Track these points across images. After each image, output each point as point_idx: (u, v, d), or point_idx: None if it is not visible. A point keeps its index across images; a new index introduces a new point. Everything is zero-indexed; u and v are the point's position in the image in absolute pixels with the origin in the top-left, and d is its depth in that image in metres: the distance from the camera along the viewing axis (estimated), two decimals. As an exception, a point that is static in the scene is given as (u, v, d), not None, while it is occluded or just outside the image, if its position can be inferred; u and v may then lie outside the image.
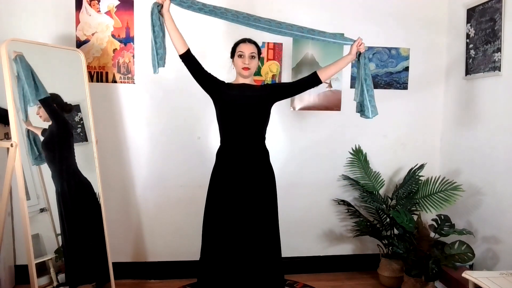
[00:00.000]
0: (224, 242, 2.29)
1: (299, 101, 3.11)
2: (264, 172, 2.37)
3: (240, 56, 2.31)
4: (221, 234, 2.30)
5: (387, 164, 3.24)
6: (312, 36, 2.32)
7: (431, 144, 3.27)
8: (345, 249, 3.28)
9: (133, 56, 2.92)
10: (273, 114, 2.43)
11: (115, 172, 2.97)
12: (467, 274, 2.15)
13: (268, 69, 3.05)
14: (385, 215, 3.03)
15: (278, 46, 3.05)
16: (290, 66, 3.07)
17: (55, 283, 2.45)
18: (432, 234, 2.76)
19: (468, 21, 2.91)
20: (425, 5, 3.17)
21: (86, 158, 2.62)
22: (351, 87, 3.15)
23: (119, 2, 2.88)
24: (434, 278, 2.64)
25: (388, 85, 3.19)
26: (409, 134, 3.25)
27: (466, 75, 2.94)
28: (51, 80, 2.54)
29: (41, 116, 2.43)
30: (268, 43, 3.03)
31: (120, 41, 2.90)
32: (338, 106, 3.15)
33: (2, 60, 2.11)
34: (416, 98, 3.22)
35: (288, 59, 3.07)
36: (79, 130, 2.64)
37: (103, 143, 2.88)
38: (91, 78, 2.88)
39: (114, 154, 2.97)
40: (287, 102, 3.08)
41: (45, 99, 2.37)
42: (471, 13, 2.88)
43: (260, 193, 2.33)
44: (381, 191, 3.16)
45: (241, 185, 2.29)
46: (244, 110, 2.29)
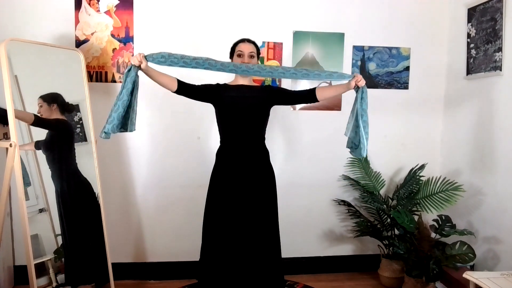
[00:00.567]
0: (224, 243, 2.29)
1: (299, 101, 3.10)
2: (264, 172, 2.36)
3: (239, 56, 2.31)
4: (221, 235, 2.29)
5: (388, 164, 3.24)
6: (308, 77, 2.19)
7: (432, 144, 3.27)
8: (346, 250, 3.27)
9: (133, 56, 2.91)
10: (273, 114, 2.42)
11: (115, 172, 2.96)
12: (468, 275, 2.14)
13: (268, 69, 3.04)
14: (386, 216, 3.02)
15: (278, 46, 3.04)
16: (290, 66, 3.06)
17: (55, 284, 2.45)
18: (433, 235, 2.75)
19: (469, 21, 2.90)
20: (426, 5, 3.16)
21: (86, 158, 2.61)
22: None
23: (119, 2, 2.87)
24: (435, 279, 2.63)
25: (389, 85, 3.18)
26: (410, 134, 3.24)
27: (467, 75, 2.94)
28: (51, 80, 2.54)
29: (42, 115, 2.42)
30: (268, 43, 3.02)
31: (120, 41, 2.90)
32: (339, 106, 3.15)
33: (1, 60, 2.10)
34: (417, 98, 3.22)
35: (288, 59, 3.06)
36: (79, 130, 2.63)
37: (103, 143, 2.86)
38: (91, 78, 2.87)
39: (114, 154, 2.96)
40: (287, 102, 3.07)
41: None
42: (472, 13, 2.87)
43: (260, 193, 2.32)
44: (382, 191, 3.16)
45: (241, 185, 2.29)
46: (244, 111, 2.28)
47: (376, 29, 3.12)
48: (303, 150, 3.16)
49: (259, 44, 2.57)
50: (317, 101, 2.33)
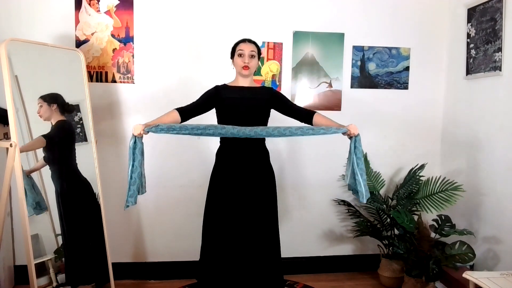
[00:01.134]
0: (224, 243, 2.29)
1: (300, 101, 3.10)
2: (264, 172, 2.36)
3: (240, 55, 2.30)
4: (221, 235, 2.29)
5: (388, 164, 3.24)
6: (303, 134, 2.13)
7: (432, 144, 3.27)
8: (345, 250, 3.27)
9: (133, 56, 2.92)
10: (274, 114, 2.42)
11: (115, 172, 2.96)
12: (468, 275, 2.14)
13: (268, 69, 3.05)
14: (386, 215, 3.02)
15: (278, 46, 3.04)
16: (290, 66, 3.07)
17: (55, 284, 2.45)
18: (433, 235, 2.75)
19: (469, 21, 2.91)
20: (426, 5, 3.16)
21: (86, 158, 2.61)
22: (351, 87, 3.14)
23: (119, 2, 2.87)
24: (435, 279, 2.63)
25: (389, 85, 3.18)
26: (410, 134, 3.24)
27: (467, 75, 2.94)
28: (51, 80, 2.54)
29: (42, 116, 2.42)
30: (268, 43, 3.02)
31: (120, 41, 2.90)
32: (339, 106, 3.15)
33: (2, 60, 2.10)
34: (417, 98, 3.22)
35: (288, 59, 3.06)
36: (79, 130, 2.63)
37: (103, 143, 2.87)
38: (91, 78, 2.88)
39: (114, 154, 2.97)
40: (287, 102, 3.07)
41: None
42: (472, 13, 2.87)
43: (260, 193, 2.32)
44: (382, 191, 3.16)
45: (241, 185, 2.29)
46: (244, 113, 2.28)
47: (376, 29, 3.13)
48: (303, 150, 3.16)
49: (259, 44, 2.57)
50: (310, 124, 2.30)
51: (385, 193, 3.19)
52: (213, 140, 2.81)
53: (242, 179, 2.29)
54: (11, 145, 2.13)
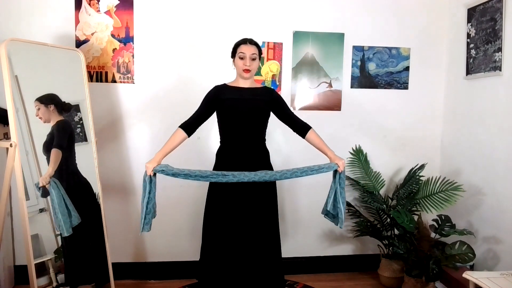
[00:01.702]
0: (224, 243, 2.29)
1: (300, 101, 3.10)
2: (264, 172, 2.36)
3: (241, 58, 2.29)
4: (221, 235, 2.29)
5: (388, 164, 3.24)
6: (298, 175, 2.21)
7: (432, 144, 3.27)
8: (346, 250, 3.27)
9: (133, 56, 2.92)
10: (273, 114, 2.42)
11: (115, 172, 2.96)
12: (468, 275, 2.14)
13: (268, 69, 3.05)
14: (386, 215, 3.02)
15: (278, 46, 3.04)
16: (290, 66, 3.07)
17: (55, 284, 2.44)
18: (433, 235, 2.75)
19: (469, 21, 2.91)
20: (426, 5, 3.16)
21: (86, 158, 2.61)
22: (351, 87, 3.14)
23: (119, 2, 2.88)
24: (435, 279, 2.63)
25: (389, 85, 3.18)
26: (410, 134, 3.24)
27: (467, 75, 2.94)
28: (51, 80, 2.53)
29: (41, 118, 2.42)
30: (268, 43, 3.02)
31: (120, 41, 2.90)
32: (339, 106, 3.15)
33: (2, 60, 2.10)
34: (417, 98, 3.22)
35: (288, 59, 3.06)
36: (79, 130, 2.63)
37: (103, 143, 2.87)
38: (91, 78, 2.88)
39: (114, 154, 2.97)
40: (288, 103, 3.06)
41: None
42: (472, 13, 2.87)
43: (260, 193, 2.32)
44: (382, 191, 3.16)
45: (241, 185, 2.28)
46: (245, 114, 2.28)
47: (376, 29, 3.13)
48: (303, 150, 3.15)
49: (259, 44, 2.57)
50: (303, 138, 2.38)
51: (385, 193, 3.19)
52: (213, 140, 2.82)
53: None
54: (11, 145, 2.13)
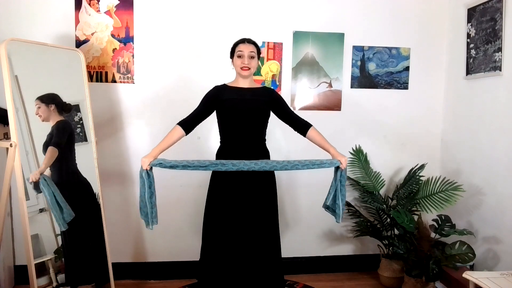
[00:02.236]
0: (224, 243, 2.29)
1: (300, 101, 3.10)
2: (264, 172, 2.36)
3: (240, 57, 2.30)
4: (221, 235, 2.29)
5: (388, 164, 3.24)
6: (299, 167, 2.25)
7: (432, 144, 3.27)
8: (346, 250, 3.27)
9: (133, 56, 2.92)
10: (274, 114, 2.42)
11: (115, 172, 2.96)
12: (468, 275, 2.14)
13: (268, 69, 3.05)
14: (386, 215, 3.02)
15: (278, 46, 3.04)
16: (290, 66, 3.07)
17: (55, 284, 2.44)
18: (433, 235, 2.75)
19: (469, 21, 2.91)
20: (426, 5, 3.16)
21: (86, 158, 2.61)
22: (351, 87, 3.14)
23: (119, 2, 2.87)
24: (435, 279, 2.63)
25: (389, 85, 3.18)
26: (410, 134, 3.24)
27: (467, 75, 2.94)
28: (51, 80, 2.53)
29: (41, 116, 2.42)
30: (268, 43, 3.02)
31: (120, 41, 2.90)
32: (339, 106, 3.15)
33: (2, 60, 2.10)
34: (417, 98, 3.22)
35: (288, 59, 3.06)
36: (79, 130, 2.63)
37: (103, 143, 2.87)
38: (91, 78, 2.88)
39: (114, 154, 2.97)
40: (288, 102, 3.06)
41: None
42: (472, 13, 2.87)
43: (260, 193, 2.32)
44: (382, 191, 3.16)
45: (241, 185, 2.29)
46: (245, 114, 2.28)
47: (376, 29, 3.13)
48: (303, 150, 3.15)
49: (259, 44, 2.57)
50: (304, 136, 2.40)
51: (385, 193, 3.19)
52: (213, 140, 2.81)
53: (242, 179, 2.29)
54: (11, 145, 2.13)
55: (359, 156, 3.13)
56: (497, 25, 2.61)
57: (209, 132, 2.98)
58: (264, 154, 2.38)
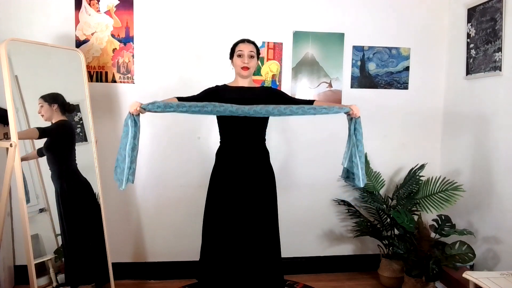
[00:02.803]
0: (224, 243, 2.29)
1: (299, 101, 3.10)
2: (264, 172, 2.36)
3: (239, 56, 2.30)
4: (221, 235, 2.29)
5: (388, 164, 3.24)
6: (304, 113, 2.12)
7: (432, 144, 3.27)
8: (346, 250, 3.27)
9: (133, 56, 2.92)
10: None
11: (115, 172, 2.96)
12: (468, 275, 2.14)
13: (268, 69, 3.05)
14: (386, 215, 3.02)
15: (278, 46, 3.04)
16: (290, 66, 3.07)
17: (55, 284, 2.45)
18: (433, 235, 2.75)
19: (469, 21, 2.91)
20: (426, 5, 3.16)
21: (86, 158, 2.61)
22: (351, 87, 3.14)
23: (119, 2, 2.87)
24: (435, 279, 2.63)
25: (389, 85, 3.18)
26: (410, 134, 3.24)
27: (467, 75, 2.94)
28: (51, 80, 2.54)
29: (43, 115, 2.42)
30: (268, 43, 3.02)
31: (120, 41, 2.90)
32: (338, 106, 3.14)
33: (2, 60, 2.10)
34: (417, 98, 3.22)
35: (288, 59, 3.06)
36: (79, 130, 2.63)
37: (103, 143, 2.87)
38: (91, 78, 2.88)
39: (114, 154, 2.94)
40: (287, 102, 3.07)
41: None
42: (472, 13, 2.87)
43: (260, 193, 2.32)
44: (382, 191, 3.16)
45: (241, 185, 2.29)
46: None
47: (376, 29, 3.13)
48: (303, 150, 3.16)
49: (259, 44, 2.58)
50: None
51: (385, 193, 3.19)
52: (213, 140, 2.81)
53: (242, 179, 2.29)
54: (11, 145, 2.13)
55: (359, 156, 3.12)
56: (497, 25, 2.61)
57: (209, 132, 2.98)
58: (264, 154, 2.38)
